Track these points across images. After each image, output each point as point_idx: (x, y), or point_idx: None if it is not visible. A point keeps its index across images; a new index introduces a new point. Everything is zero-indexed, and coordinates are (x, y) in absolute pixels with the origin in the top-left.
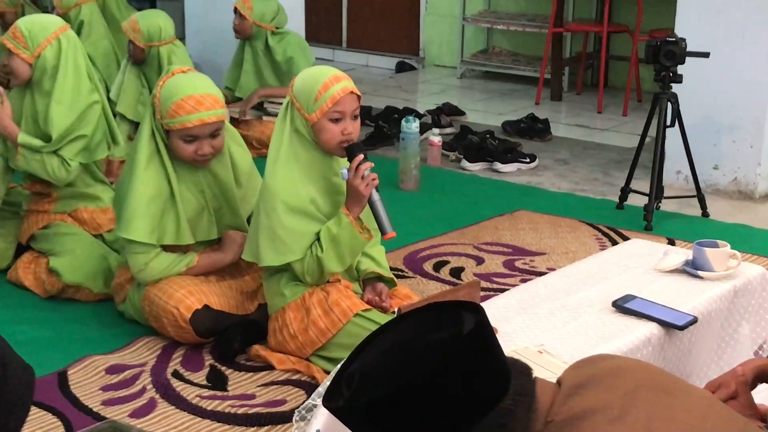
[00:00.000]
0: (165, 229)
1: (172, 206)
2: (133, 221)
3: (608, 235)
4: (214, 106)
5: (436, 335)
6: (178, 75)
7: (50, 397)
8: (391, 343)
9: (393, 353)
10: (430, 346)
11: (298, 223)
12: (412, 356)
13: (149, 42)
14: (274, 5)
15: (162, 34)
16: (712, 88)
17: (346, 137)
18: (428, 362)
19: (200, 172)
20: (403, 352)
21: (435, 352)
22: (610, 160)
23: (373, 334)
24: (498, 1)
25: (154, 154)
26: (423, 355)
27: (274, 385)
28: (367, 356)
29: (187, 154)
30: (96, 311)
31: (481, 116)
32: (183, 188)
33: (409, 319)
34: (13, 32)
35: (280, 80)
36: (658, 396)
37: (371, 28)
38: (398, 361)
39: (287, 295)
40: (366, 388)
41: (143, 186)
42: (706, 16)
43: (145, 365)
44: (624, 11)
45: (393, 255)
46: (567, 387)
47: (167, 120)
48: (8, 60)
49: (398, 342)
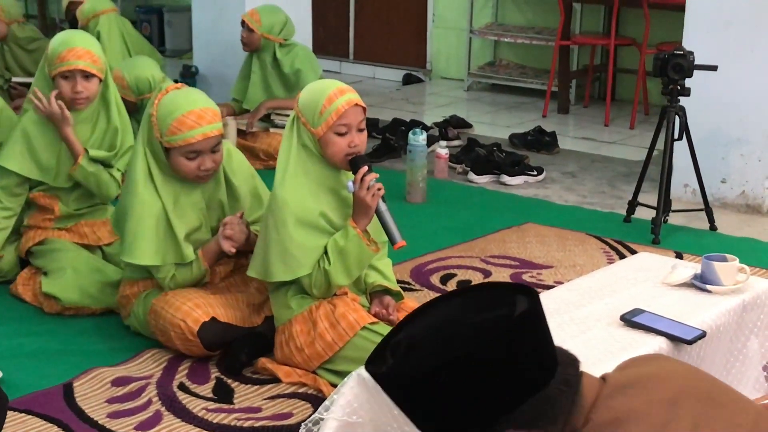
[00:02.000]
0: (168, 248)
1: (169, 226)
2: (136, 245)
3: (616, 248)
4: (215, 120)
5: (487, 314)
6: (173, 92)
7: (56, 409)
8: (441, 318)
9: (442, 328)
10: (480, 324)
11: (308, 238)
12: (462, 332)
13: (140, 96)
14: (282, 17)
15: (152, 84)
16: (720, 102)
17: (353, 150)
18: (477, 340)
19: (197, 190)
20: (452, 328)
21: (485, 331)
22: (617, 173)
23: (423, 307)
24: (505, 14)
25: (151, 175)
26: (472, 333)
27: (281, 398)
28: (415, 328)
29: (190, 170)
30: (101, 324)
31: (488, 129)
32: (181, 207)
33: (460, 296)
34: (90, 57)
35: (287, 92)
36: (704, 406)
37: (378, 40)
38: (447, 336)
39: (294, 308)
40: (411, 358)
41: (142, 207)
42: (714, 30)
43: (151, 378)
44: (631, 24)
45: (400, 268)
46: (611, 386)
47: (168, 138)
48: (86, 84)
49: (448, 317)
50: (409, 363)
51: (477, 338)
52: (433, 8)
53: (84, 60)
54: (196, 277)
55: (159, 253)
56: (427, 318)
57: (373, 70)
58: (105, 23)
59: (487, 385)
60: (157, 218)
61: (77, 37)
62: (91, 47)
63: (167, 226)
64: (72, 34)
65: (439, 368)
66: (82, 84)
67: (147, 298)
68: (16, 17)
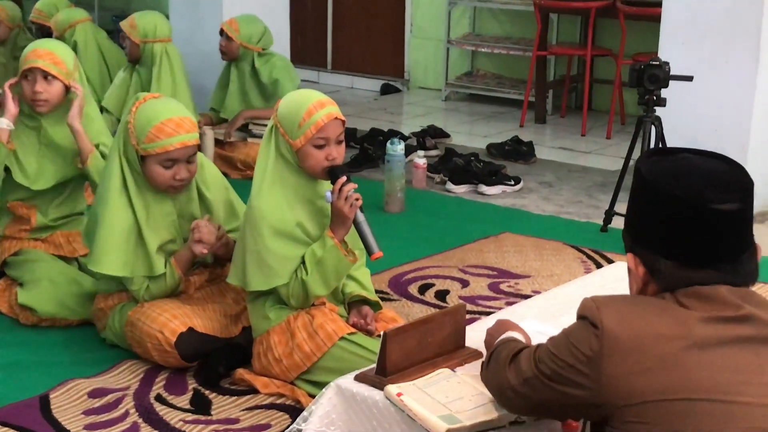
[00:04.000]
0: (137, 261)
1: (140, 238)
2: (104, 255)
3: (593, 258)
4: (193, 129)
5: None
6: (150, 100)
7: (32, 420)
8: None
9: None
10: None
11: (285, 248)
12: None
13: (144, 38)
14: (260, 27)
15: (157, 31)
16: (695, 112)
17: (331, 162)
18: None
19: (169, 201)
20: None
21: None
22: (594, 183)
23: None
24: (482, 25)
25: (125, 185)
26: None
27: (259, 409)
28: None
29: (164, 179)
30: (78, 335)
31: (465, 138)
32: (154, 219)
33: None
34: (51, 58)
35: (265, 102)
36: None
37: (356, 50)
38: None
39: (272, 319)
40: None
41: (113, 217)
42: (689, 41)
43: (128, 389)
44: (608, 35)
45: (378, 278)
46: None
47: (145, 145)
48: (47, 86)
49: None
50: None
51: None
52: (411, 18)
53: (44, 60)
54: (170, 286)
55: (128, 265)
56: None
57: (351, 80)
58: (81, 33)
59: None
60: (128, 230)
61: (47, 41)
62: (55, 50)
63: (138, 237)
64: (45, 40)
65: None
66: (41, 85)
67: (123, 309)
68: (17, 22)
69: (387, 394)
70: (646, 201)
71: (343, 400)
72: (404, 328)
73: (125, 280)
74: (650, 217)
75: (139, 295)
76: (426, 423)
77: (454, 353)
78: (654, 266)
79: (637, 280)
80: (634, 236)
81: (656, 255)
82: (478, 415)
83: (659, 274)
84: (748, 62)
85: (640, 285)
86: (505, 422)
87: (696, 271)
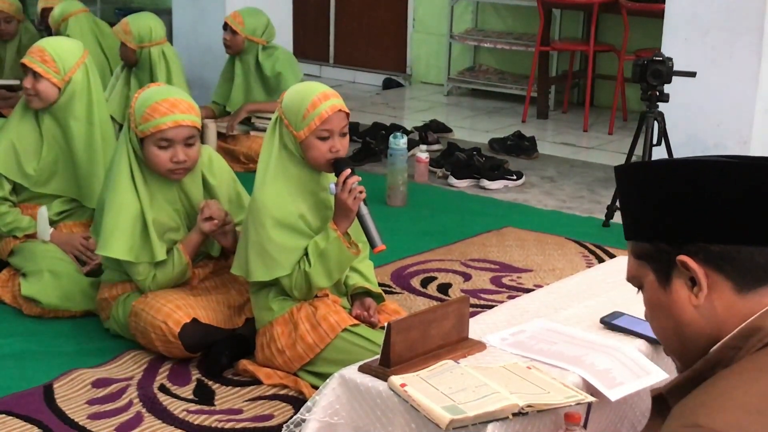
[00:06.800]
0: (142, 248)
1: (145, 224)
2: (111, 239)
3: (595, 252)
4: (189, 111)
5: None
6: (153, 87)
7: (36, 410)
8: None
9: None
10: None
11: (287, 239)
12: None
13: (140, 43)
14: (264, 19)
15: (152, 34)
16: (698, 108)
17: (334, 155)
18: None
19: (174, 190)
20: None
21: None
22: (596, 178)
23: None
24: (485, 20)
25: (132, 173)
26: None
27: (262, 399)
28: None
29: (161, 161)
30: (81, 325)
31: (467, 133)
32: (158, 205)
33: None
34: (41, 56)
35: (268, 95)
36: None
37: (359, 44)
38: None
39: (275, 310)
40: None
41: (121, 204)
42: (692, 37)
43: (132, 379)
44: (610, 31)
45: (380, 270)
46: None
47: (141, 126)
48: (34, 82)
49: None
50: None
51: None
52: (414, 13)
53: (32, 56)
54: (177, 273)
55: (133, 250)
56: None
57: (353, 75)
58: (74, 25)
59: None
60: (134, 216)
61: (47, 39)
62: (49, 47)
63: (143, 225)
64: (54, 37)
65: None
66: (28, 81)
67: (127, 300)
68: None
69: (391, 385)
70: (710, 182)
71: (347, 391)
72: (408, 320)
73: (131, 270)
74: (718, 199)
75: (145, 286)
76: (430, 414)
77: (457, 345)
78: (725, 261)
79: (682, 300)
80: (686, 234)
81: (731, 246)
82: (481, 405)
83: (737, 266)
84: (751, 58)
85: (689, 306)
86: (509, 413)
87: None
